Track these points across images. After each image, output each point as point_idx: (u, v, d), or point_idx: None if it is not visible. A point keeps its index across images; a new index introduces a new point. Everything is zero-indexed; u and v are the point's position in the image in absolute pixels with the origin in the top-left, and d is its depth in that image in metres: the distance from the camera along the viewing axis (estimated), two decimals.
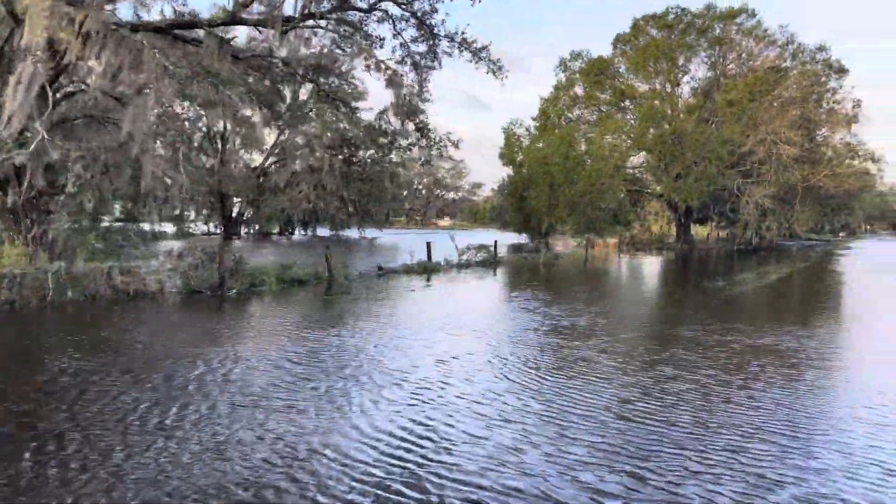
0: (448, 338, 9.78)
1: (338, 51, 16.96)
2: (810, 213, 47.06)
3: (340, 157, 59.48)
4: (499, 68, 17.84)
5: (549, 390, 6.80)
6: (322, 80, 18.59)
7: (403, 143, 61.24)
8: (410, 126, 22.65)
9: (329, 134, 57.02)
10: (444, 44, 17.06)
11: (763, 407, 6.26)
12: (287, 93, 57.41)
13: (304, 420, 5.69)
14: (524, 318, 11.89)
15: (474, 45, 17.32)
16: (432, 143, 23.89)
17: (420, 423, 5.65)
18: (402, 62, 17.32)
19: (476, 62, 17.41)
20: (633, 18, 46.19)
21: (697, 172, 39.80)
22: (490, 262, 26.39)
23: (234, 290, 15.51)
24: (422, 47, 17.12)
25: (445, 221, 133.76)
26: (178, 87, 15.23)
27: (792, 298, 17.54)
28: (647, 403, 6.31)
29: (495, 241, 27.44)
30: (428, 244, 23.48)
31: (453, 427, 5.58)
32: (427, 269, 22.83)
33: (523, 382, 7.13)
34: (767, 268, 27.99)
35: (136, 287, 14.32)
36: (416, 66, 17.41)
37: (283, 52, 17.05)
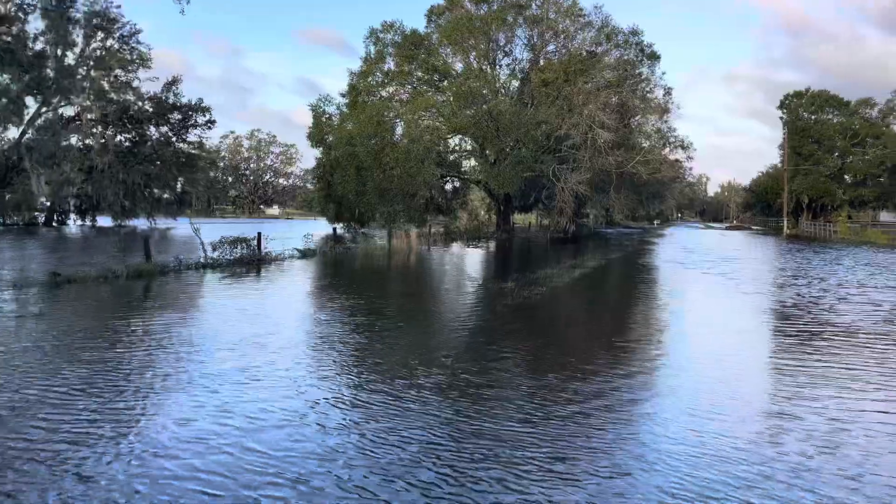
0: None
1: None
2: (626, 200, 46.54)
3: (120, 134, 50.25)
4: None
5: None
6: None
7: (201, 119, 53.44)
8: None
9: (107, 106, 47.60)
10: None
11: None
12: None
13: None
14: (164, 365, 6.65)
15: None
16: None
17: None
18: None
19: None
20: None
21: (514, 157, 36.93)
22: (251, 259, 20.86)
23: None
24: None
25: (275, 210, 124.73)
26: None
27: (587, 309, 13.94)
28: None
29: (258, 234, 21.88)
30: (145, 239, 17.42)
31: None
32: (142, 274, 16.82)
33: None
34: (577, 260, 25.15)
35: None
36: None
37: None
